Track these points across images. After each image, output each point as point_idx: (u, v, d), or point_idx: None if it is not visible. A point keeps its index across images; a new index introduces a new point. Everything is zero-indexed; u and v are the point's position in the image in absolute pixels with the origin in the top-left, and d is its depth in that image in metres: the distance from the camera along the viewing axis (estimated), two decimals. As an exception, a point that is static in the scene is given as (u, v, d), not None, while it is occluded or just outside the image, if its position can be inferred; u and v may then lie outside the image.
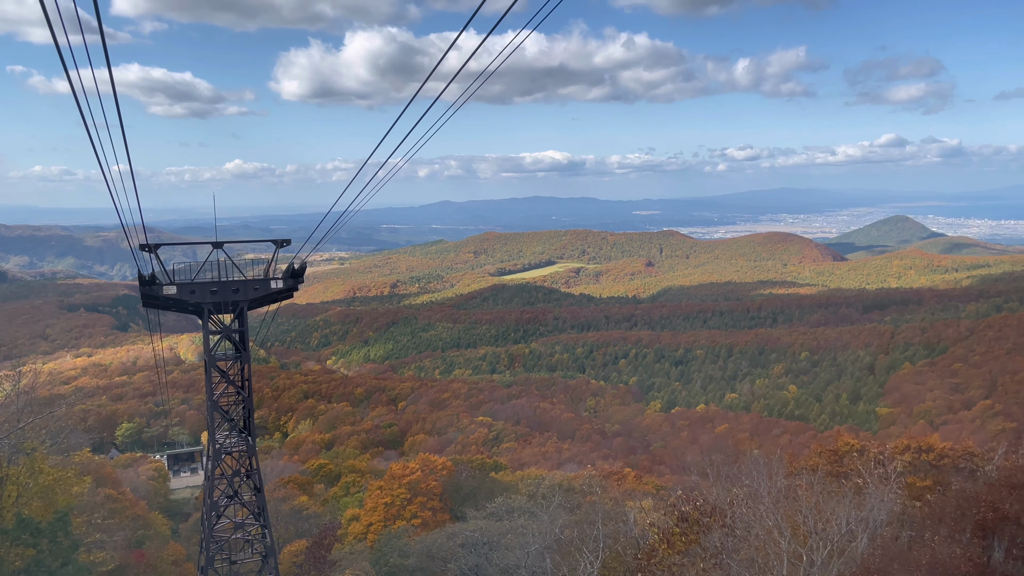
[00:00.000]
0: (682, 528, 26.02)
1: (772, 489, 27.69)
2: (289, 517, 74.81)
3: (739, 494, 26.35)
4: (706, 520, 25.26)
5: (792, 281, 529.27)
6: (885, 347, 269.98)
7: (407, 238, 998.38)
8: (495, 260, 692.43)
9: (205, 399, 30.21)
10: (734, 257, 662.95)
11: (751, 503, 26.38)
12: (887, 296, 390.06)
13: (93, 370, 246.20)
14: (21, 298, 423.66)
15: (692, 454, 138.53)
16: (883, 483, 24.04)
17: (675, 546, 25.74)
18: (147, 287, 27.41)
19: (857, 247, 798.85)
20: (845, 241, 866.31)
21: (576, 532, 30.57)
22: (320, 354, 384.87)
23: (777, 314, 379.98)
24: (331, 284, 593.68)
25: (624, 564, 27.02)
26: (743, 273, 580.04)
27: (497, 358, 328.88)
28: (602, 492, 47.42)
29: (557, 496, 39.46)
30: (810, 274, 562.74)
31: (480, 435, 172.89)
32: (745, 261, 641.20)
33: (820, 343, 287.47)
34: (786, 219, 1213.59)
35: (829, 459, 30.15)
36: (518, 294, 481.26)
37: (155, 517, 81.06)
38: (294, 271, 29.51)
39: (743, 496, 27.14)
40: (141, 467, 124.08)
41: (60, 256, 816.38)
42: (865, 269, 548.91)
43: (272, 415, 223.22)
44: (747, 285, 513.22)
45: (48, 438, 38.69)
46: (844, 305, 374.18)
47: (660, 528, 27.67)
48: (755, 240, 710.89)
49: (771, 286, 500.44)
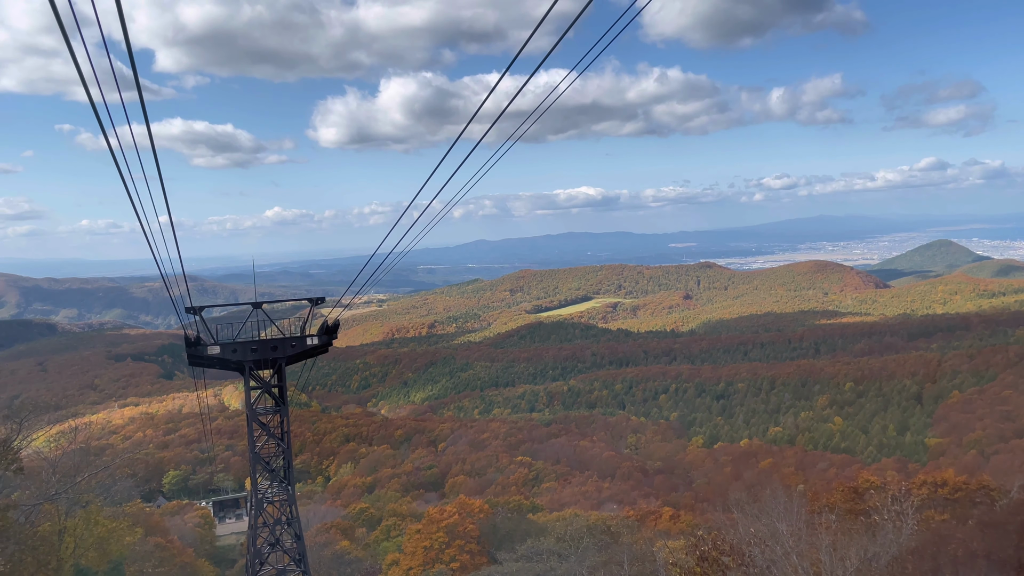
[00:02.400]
0: (702, 568, 26.82)
1: (793, 527, 28.36)
2: (331, 562, 76.15)
3: (759, 532, 27.10)
4: (725, 559, 26.06)
5: (834, 310, 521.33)
6: (932, 375, 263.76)
7: (444, 278, 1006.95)
8: (531, 297, 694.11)
9: (248, 449, 31.94)
10: (773, 287, 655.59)
11: (771, 542, 27.10)
12: (932, 323, 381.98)
13: (140, 419, 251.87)
14: (70, 350, 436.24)
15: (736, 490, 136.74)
16: (900, 519, 24.65)
17: (696, 586, 26.57)
18: (192, 348, 29.48)
19: (900, 273, 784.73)
20: (888, 267, 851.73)
21: (604, 573, 31.43)
22: (361, 396, 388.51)
23: (819, 344, 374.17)
24: (370, 326, 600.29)
25: (650, 604, 27.83)
26: (783, 303, 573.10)
27: (536, 396, 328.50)
28: (636, 532, 47.97)
29: (586, 538, 40.28)
30: (852, 302, 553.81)
31: (520, 475, 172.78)
32: (785, 291, 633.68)
33: (865, 373, 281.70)
34: (825, 247, 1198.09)
35: (848, 496, 30.70)
36: (555, 331, 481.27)
37: (202, 564, 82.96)
38: (328, 328, 31.36)
39: (764, 534, 27.87)
40: (188, 515, 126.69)
41: (107, 307, 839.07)
42: (909, 295, 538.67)
43: (314, 459, 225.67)
44: (788, 316, 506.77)
45: (101, 490, 40.81)
46: (888, 333, 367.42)
47: (681, 567, 28.51)
48: (794, 269, 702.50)
49: (813, 316, 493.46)
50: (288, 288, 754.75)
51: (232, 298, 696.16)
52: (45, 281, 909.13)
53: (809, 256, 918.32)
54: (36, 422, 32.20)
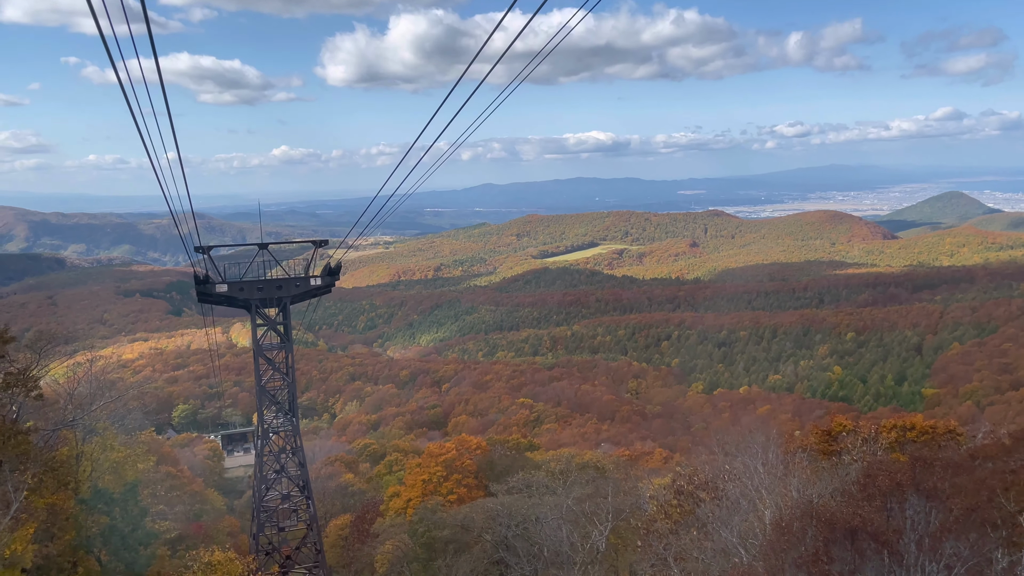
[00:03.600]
0: (678, 500, 28.61)
1: (769, 466, 30.05)
2: (335, 493, 79.20)
3: (733, 469, 28.76)
4: (700, 493, 27.78)
5: (840, 261, 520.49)
6: (933, 327, 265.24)
7: (451, 221, 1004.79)
8: (538, 243, 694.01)
9: (255, 383, 33.59)
10: (781, 237, 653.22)
11: (746, 478, 28.81)
12: (938, 275, 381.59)
13: (150, 355, 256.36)
14: (79, 284, 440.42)
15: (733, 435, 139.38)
16: (866, 460, 26.21)
17: (671, 516, 28.37)
18: (201, 286, 30.89)
19: (910, 224, 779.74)
20: (897, 219, 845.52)
21: (589, 505, 33.35)
22: (367, 337, 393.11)
23: (823, 294, 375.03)
24: (376, 268, 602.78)
25: (631, 532, 29.72)
26: (790, 253, 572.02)
27: (539, 340, 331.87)
28: (626, 470, 49.97)
29: (574, 472, 42.32)
30: (859, 253, 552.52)
31: (521, 416, 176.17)
32: (792, 240, 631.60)
33: (867, 324, 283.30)
34: (836, 197, 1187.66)
35: (822, 438, 32.35)
36: (560, 277, 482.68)
37: (211, 494, 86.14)
38: (331, 270, 32.70)
39: (740, 472, 29.57)
40: (197, 447, 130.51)
41: (116, 243, 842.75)
42: (916, 247, 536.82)
43: (320, 397, 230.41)
44: (794, 265, 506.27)
45: (114, 419, 42.80)
46: (893, 284, 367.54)
47: (659, 500, 30.34)
48: (803, 219, 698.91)
49: (818, 266, 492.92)
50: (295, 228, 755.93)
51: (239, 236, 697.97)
52: (53, 215, 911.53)
53: (819, 206, 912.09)
54: (52, 353, 33.83)
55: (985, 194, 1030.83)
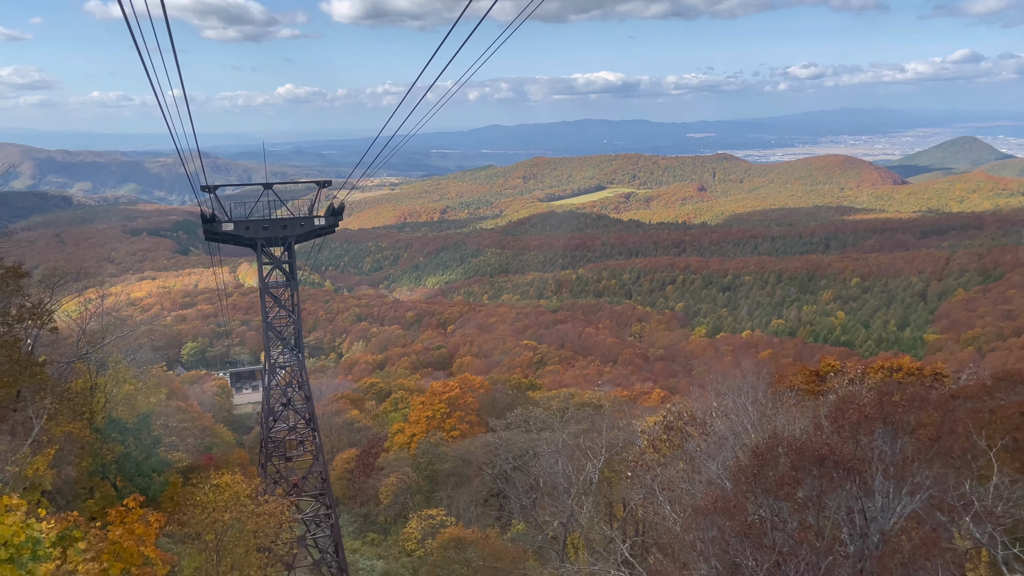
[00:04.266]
0: (668, 435, 29.80)
1: (757, 404, 31.10)
2: (342, 429, 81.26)
3: (723, 407, 29.82)
4: (689, 429, 28.90)
5: (849, 206, 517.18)
6: (939, 273, 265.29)
7: (457, 163, 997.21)
8: (544, 185, 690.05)
9: (262, 320, 34.61)
10: (789, 181, 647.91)
11: (734, 415, 29.89)
12: (946, 221, 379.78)
13: (158, 293, 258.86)
14: (86, 222, 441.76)
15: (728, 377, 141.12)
16: (851, 399, 27.27)
17: (660, 450, 29.60)
18: (208, 224, 31.65)
19: (921, 170, 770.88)
20: (908, 163, 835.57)
21: (584, 440, 34.62)
22: (373, 278, 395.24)
23: (830, 240, 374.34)
24: (382, 209, 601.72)
25: (623, 465, 31.04)
26: (798, 198, 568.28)
27: (544, 284, 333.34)
28: (624, 409, 51.31)
29: (571, 409, 43.64)
30: (868, 198, 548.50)
31: (525, 358, 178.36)
32: (801, 185, 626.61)
33: (872, 269, 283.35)
34: (847, 141, 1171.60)
35: (810, 378, 33.37)
36: (566, 220, 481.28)
37: (220, 428, 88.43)
38: (334, 210, 33.35)
39: (729, 409, 30.64)
40: (206, 384, 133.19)
41: (122, 182, 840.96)
42: (926, 193, 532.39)
43: (327, 336, 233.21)
44: (801, 210, 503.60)
45: (125, 354, 44.06)
46: (900, 230, 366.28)
47: (650, 435, 31.55)
48: (812, 163, 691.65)
49: (826, 211, 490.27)
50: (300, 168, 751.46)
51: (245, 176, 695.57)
52: (59, 153, 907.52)
53: (829, 150, 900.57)
54: (65, 289, 34.80)
55: (999, 139, 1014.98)
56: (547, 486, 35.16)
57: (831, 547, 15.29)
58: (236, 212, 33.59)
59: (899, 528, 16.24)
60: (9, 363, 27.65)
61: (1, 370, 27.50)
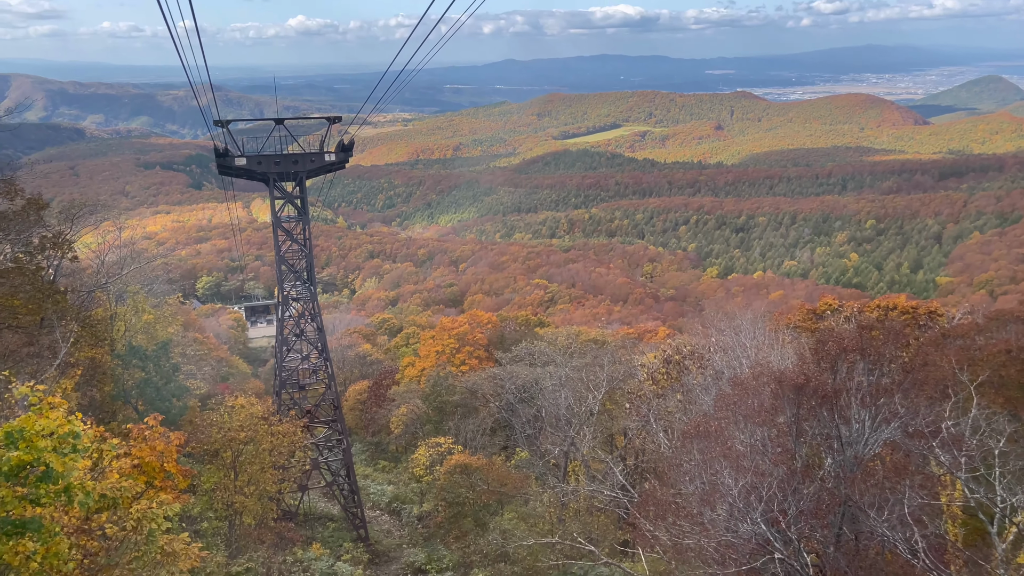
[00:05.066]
0: (666, 369, 30.81)
1: (756, 341, 32.00)
2: (354, 362, 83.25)
3: (721, 343, 30.74)
4: (687, 363, 29.88)
5: (868, 147, 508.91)
6: (956, 216, 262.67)
7: (470, 99, 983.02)
8: (559, 123, 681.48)
9: (275, 254, 35.58)
10: (808, 120, 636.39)
11: (732, 351, 30.81)
12: (966, 162, 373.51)
13: (172, 227, 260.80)
14: (100, 155, 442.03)
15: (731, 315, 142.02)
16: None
17: (659, 383, 30.67)
18: (221, 158, 32.35)
19: (944, 109, 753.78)
20: (931, 103, 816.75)
21: (586, 373, 35.74)
22: (385, 215, 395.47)
23: (847, 181, 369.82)
24: (395, 146, 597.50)
25: (623, 397, 32.24)
26: (816, 138, 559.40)
27: (557, 223, 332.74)
28: (629, 345, 52.43)
29: (574, 344, 44.78)
30: (888, 139, 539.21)
31: (535, 297, 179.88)
32: (820, 125, 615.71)
33: (888, 211, 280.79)
34: (869, 79, 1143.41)
35: (807, 316, 34.12)
36: (580, 159, 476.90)
37: (236, 360, 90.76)
38: (344, 146, 33.90)
39: (728, 345, 31.56)
40: (221, 317, 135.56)
41: (134, 114, 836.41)
42: (948, 133, 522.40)
43: (340, 273, 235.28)
44: (819, 151, 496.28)
45: (143, 284, 45.34)
46: (919, 172, 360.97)
47: (649, 368, 32.61)
48: (832, 102, 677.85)
49: (845, 152, 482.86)
50: (312, 102, 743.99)
51: (256, 110, 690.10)
52: (71, 85, 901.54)
53: (851, 88, 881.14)
54: (84, 220, 35.78)
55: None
56: (550, 417, 36.48)
57: (808, 470, 16.30)
58: (248, 147, 34.21)
59: (875, 454, 17.22)
60: (33, 291, 28.77)
61: (25, 297, 28.63)
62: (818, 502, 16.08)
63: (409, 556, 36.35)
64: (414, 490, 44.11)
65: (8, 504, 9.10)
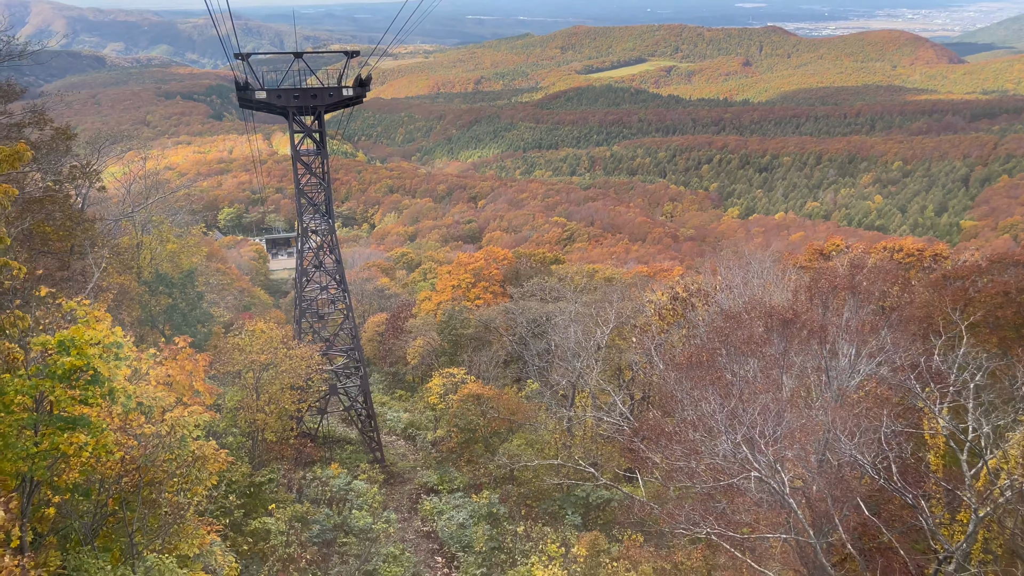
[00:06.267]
0: (673, 305, 31.67)
1: (763, 280, 32.76)
2: (372, 295, 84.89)
3: (728, 281, 31.51)
4: (693, 300, 30.73)
5: (899, 86, 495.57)
6: (985, 159, 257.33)
7: (493, 30, 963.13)
8: (583, 57, 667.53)
9: (294, 186, 36.48)
10: (840, 57, 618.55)
11: (738, 289, 31.63)
12: (999, 103, 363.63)
13: (194, 159, 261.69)
14: (120, 84, 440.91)
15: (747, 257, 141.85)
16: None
17: (665, 319, 31.59)
18: (242, 91, 32.96)
19: (980, 48, 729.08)
20: (968, 40, 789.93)
21: (596, 309, 36.75)
22: (405, 150, 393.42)
23: (876, 120, 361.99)
24: (415, 79, 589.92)
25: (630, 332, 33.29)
26: (847, 76, 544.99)
27: (578, 160, 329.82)
28: (641, 284, 53.29)
29: (585, 281, 45.65)
30: (921, 77, 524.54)
31: (553, 235, 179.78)
32: (851, 62, 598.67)
33: (916, 153, 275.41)
34: (905, 14, 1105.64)
35: (814, 256, 34.65)
36: (603, 95, 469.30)
37: (257, 291, 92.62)
38: (361, 81, 34.31)
39: (736, 283, 32.35)
40: (243, 248, 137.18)
41: (154, 43, 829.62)
42: (982, 73, 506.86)
43: (360, 207, 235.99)
44: (849, 89, 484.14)
45: (167, 214, 46.56)
46: (950, 112, 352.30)
47: (656, 304, 33.52)
48: (865, 39, 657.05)
49: (875, 91, 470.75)
50: (332, 32, 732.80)
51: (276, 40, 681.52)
52: (90, 11, 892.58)
53: (885, 24, 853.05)
54: (109, 150, 36.78)
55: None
56: (560, 350, 37.69)
57: (792, 398, 17.29)
58: (268, 79, 34.77)
59: (858, 385, 18.15)
60: (63, 218, 29.97)
61: (56, 224, 29.87)
62: (802, 428, 17.13)
63: (422, 477, 38.26)
64: (428, 417, 45.88)
65: (63, 402, 10.37)
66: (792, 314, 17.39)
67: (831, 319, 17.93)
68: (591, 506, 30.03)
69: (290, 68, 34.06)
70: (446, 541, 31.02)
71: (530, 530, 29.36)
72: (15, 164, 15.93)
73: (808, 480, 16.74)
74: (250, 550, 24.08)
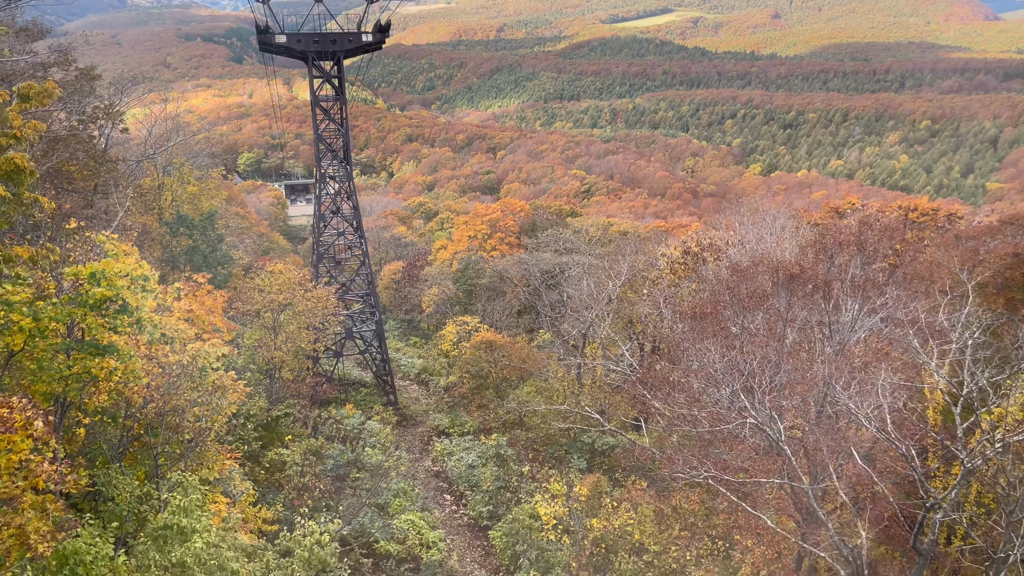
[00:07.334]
0: (684, 259, 31.96)
1: (776, 236, 32.93)
2: (389, 243, 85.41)
3: (741, 236, 31.71)
4: (705, 255, 30.99)
5: (932, 43, 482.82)
6: (1016, 119, 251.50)
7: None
8: (608, 5, 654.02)
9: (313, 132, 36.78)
10: (872, 11, 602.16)
11: (751, 245, 31.84)
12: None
13: (214, 103, 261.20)
14: (141, 25, 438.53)
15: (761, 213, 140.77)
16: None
17: (676, 272, 31.92)
18: (263, 35, 33.09)
19: (1019, 4, 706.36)
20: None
21: (608, 261, 37.11)
22: (425, 98, 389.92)
23: (905, 78, 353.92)
24: (436, 25, 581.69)
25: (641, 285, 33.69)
26: (879, 31, 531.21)
27: (599, 112, 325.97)
28: (656, 238, 53.45)
29: (600, 234, 45.84)
30: (955, 34, 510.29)
31: (572, 187, 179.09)
32: (884, 17, 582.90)
33: (945, 112, 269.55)
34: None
35: (828, 214, 34.64)
36: (628, 45, 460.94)
37: (276, 236, 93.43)
38: (381, 27, 34.31)
39: (748, 239, 32.56)
40: (262, 194, 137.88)
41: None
42: (1019, 31, 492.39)
43: (379, 155, 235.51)
44: (879, 45, 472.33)
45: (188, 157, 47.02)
46: (983, 71, 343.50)
47: (669, 258, 33.81)
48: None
49: (907, 47, 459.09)
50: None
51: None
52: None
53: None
54: (131, 92, 37.11)
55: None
56: (572, 302, 38.20)
57: (794, 351, 17.73)
58: (288, 23, 34.84)
59: (860, 340, 18.54)
60: (87, 158, 30.51)
61: (80, 164, 30.43)
62: (803, 380, 17.61)
63: (434, 420, 39.29)
64: (441, 363, 46.77)
65: (94, 330, 11.05)
66: (798, 269, 17.71)
67: (836, 275, 18.23)
68: (596, 451, 30.86)
69: (310, 12, 34.11)
70: (455, 480, 32.07)
71: (536, 472, 30.29)
72: (44, 102, 16.41)
73: (805, 430, 17.26)
74: (267, 479, 25.16)
